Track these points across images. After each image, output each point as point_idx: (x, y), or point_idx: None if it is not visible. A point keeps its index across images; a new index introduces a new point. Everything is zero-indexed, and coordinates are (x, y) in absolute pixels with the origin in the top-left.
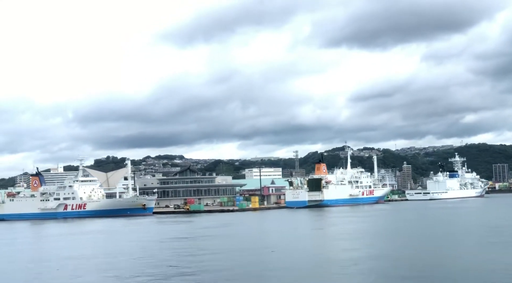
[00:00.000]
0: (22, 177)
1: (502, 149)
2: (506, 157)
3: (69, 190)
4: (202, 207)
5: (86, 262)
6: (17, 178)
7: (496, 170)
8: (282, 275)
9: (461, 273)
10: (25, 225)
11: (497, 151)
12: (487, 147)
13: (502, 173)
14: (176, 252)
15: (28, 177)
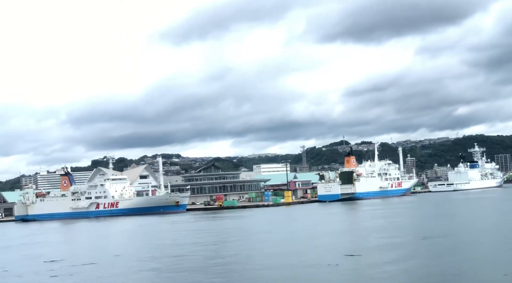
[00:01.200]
0: (27, 178)
1: (500, 139)
2: (504, 148)
3: (100, 188)
4: (236, 203)
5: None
6: (22, 180)
7: (498, 160)
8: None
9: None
10: (80, 224)
11: (494, 142)
12: (484, 138)
13: (504, 163)
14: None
15: (35, 178)
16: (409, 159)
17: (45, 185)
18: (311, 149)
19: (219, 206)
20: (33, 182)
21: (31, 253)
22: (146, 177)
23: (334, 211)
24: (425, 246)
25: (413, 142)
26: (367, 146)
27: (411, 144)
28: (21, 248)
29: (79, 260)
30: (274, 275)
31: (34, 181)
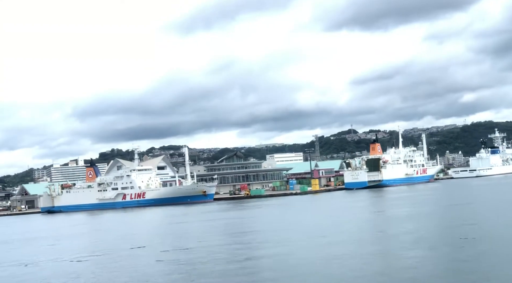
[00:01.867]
0: (40, 171)
1: (509, 126)
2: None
3: (127, 179)
4: (263, 192)
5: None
6: (35, 172)
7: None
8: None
9: None
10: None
11: (503, 128)
12: (493, 125)
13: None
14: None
15: (49, 170)
16: (421, 147)
17: (58, 177)
18: (320, 138)
19: (246, 195)
20: (45, 174)
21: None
22: (163, 168)
23: (370, 198)
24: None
25: (420, 130)
26: (376, 134)
27: (418, 132)
28: (97, 235)
29: (162, 247)
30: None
31: (47, 174)
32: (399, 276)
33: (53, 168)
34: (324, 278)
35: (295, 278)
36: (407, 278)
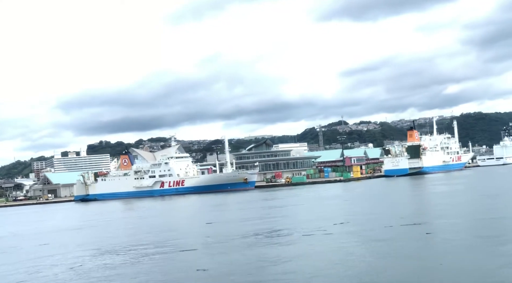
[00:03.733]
0: (40, 162)
1: (498, 116)
2: (502, 125)
3: (165, 167)
4: (305, 179)
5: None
6: (33, 164)
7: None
8: None
9: None
10: (155, 202)
11: (493, 119)
12: (483, 116)
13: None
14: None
15: (51, 161)
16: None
17: (61, 168)
18: (310, 129)
19: (287, 182)
20: (44, 165)
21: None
22: (177, 158)
23: (435, 184)
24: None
25: (408, 121)
26: (366, 125)
27: (405, 123)
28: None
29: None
30: None
31: (50, 164)
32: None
33: (55, 159)
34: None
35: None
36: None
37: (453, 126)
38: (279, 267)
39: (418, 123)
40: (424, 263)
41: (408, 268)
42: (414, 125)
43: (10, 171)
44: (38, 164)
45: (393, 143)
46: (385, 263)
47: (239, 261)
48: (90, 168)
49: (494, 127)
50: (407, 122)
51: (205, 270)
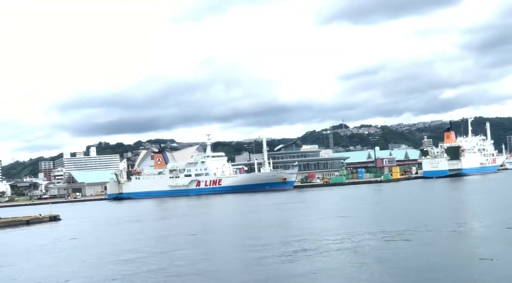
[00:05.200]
0: (48, 161)
1: (499, 121)
2: (504, 129)
3: (201, 166)
4: (344, 179)
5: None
6: (41, 164)
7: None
8: None
9: None
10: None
11: (494, 124)
12: (484, 120)
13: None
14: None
15: (61, 161)
16: (427, 141)
17: (71, 168)
18: (311, 132)
19: (325, 182)
20: (52, 165)
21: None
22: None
23: (481, 185)
24: None
25: (407, 125)
26: (367, 129)
27: (404, 128)
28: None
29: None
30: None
31: (59, 164)
32: None
33: (65, 159)
34: None
35: None
36: None
37: (486, 128)
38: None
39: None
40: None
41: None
42: (452, 126)
43: (9, 171)
44: (46, 164)
45: (399, 147)
46: None
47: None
48: (100, 168)
49: (495, 131)
50: (406, 126)
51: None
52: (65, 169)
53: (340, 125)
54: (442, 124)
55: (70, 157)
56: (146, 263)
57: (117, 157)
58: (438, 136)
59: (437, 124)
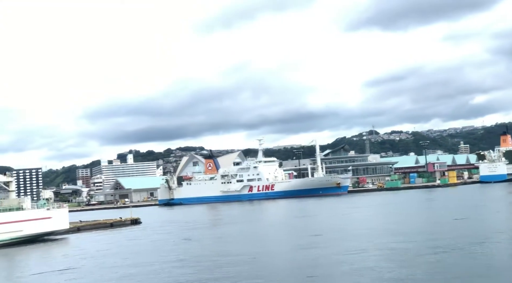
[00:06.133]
0: (84, 169)
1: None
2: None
3: (253, 171)
4: (399, 184)
5: None
6: (78, 171)
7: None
8: None
9: None
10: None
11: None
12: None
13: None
14: None
15: (99, 168)
16: (463, 147)
17: (109, 175)
18: (341, 139)
19: (379, 187)
20: (90, 173)
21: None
22: (239, 164)
23: None
24: None
25: (438, 131)
26: (398, 135)
27: (435, 134)
28: None
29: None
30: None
31: (97, 172)
32: None
33: (103, 166)
34: None
35: None
36: None
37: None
38: None
39: (464, 131)
40: None
41: None
42: (508, 129)
43: (43, 179)
44: (83, 172)
45: (434, 153)
46: None
47: None
48: (137, 175)
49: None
50: (436, 132)
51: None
52: (104, 176)
53: (370, 131)
54: (474, 129)
55: (107, 164)
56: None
57: (153, 164)
58: (470, 142)
59: (469, 129)
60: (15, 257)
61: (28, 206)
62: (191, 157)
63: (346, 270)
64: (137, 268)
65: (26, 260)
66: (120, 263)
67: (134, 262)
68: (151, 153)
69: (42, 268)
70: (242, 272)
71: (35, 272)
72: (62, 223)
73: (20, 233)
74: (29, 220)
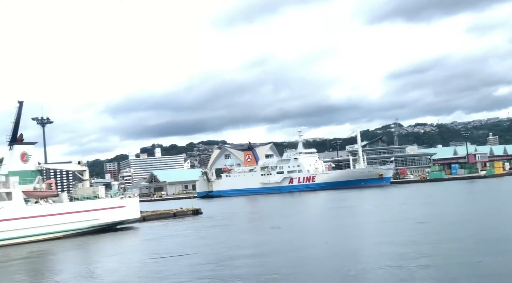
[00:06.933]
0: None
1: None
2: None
3: (294, 163)
4: (443, 175)
5: None
6: (105, 165)
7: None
8: None
9: None
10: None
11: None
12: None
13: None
14: None
15: (127, 162)
16: (492, 138)
17: (138, 169)
18: (365, 131)
19: (422, 178)
20: (117, 167)
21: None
22: (270, 156)
23: None
24: None
25: (462, 123)
26: (423, 127)
27: (460, 126)
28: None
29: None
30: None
31: (125, 165)
32: None
33: (131, 159)
34: None
35: None
36: None
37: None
38: None
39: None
40: None
41: None
42: None
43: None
44: (111, 166)
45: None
46: None
47: None
48: (165, 168)
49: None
50: (460, 124)
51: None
52: (133, 170)
53: (394, 124)
54: (500, 121)
55: (135, 158)
56: None
57: (181, 157)
58: (496, 133)
59: (494, 121)
60: (121, 243)
61: (103, 194)
62: (223, 150)
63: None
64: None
65: (134, 245)
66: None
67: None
68: (174, 147)
69: (159, 252)
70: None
71: (156, 256)
72: (134, 212)
73: (97, 222)
74: (105, 209)
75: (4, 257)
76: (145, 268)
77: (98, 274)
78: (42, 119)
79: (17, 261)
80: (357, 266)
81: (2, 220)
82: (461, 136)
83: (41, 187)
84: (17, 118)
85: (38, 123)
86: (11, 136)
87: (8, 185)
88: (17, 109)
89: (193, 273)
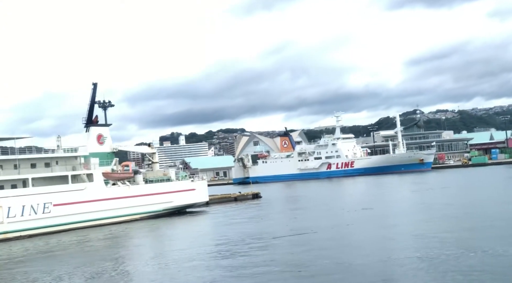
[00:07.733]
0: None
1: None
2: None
3: (332, 148)
4: (486, 160)
5: None
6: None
7: None
8: None
9: None
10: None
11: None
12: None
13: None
14: None
15: None
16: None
17: (162, 156)
18: (385, 119)
19: (464, 163)
20: (141, 155)
21: None
22: (299, 143)
23: None
24: None
25: (483, 110)
26: (444, 114)
27: (481, 112)
28: None
29: None
30: None
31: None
32: None
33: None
34: None
35: None
36: None
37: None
38: None
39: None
40: None
41: None
42: None
43: None
44: (134, 154)
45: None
46: None
47: None
48: (189, 156)
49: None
50: (481, 110)
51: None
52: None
53: (414, 111)
54: None
55: (159, 146)
56: None
57: (205, 145)
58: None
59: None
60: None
61: (174, 177)
62: (252, 136)
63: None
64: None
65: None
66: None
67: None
68: (194, 135)
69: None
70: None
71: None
72: (203, 195)
73: (170, 204)
74: (178, 192)
75: (84, 239)
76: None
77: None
78: (104, 102)
79: (115, 246)
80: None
81: (85, 201)
82: (484, 121)
83: (118, 169)
84: (92, 100)
85: (100, 107)
86: (87, 118)
87: (89, 166)
88: (92, 90)
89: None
